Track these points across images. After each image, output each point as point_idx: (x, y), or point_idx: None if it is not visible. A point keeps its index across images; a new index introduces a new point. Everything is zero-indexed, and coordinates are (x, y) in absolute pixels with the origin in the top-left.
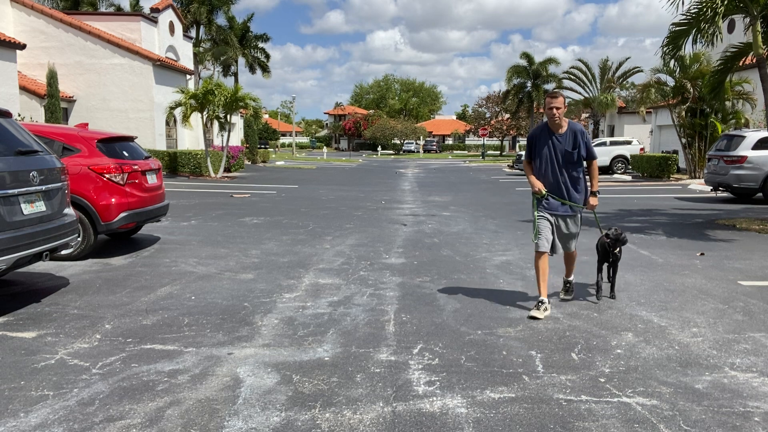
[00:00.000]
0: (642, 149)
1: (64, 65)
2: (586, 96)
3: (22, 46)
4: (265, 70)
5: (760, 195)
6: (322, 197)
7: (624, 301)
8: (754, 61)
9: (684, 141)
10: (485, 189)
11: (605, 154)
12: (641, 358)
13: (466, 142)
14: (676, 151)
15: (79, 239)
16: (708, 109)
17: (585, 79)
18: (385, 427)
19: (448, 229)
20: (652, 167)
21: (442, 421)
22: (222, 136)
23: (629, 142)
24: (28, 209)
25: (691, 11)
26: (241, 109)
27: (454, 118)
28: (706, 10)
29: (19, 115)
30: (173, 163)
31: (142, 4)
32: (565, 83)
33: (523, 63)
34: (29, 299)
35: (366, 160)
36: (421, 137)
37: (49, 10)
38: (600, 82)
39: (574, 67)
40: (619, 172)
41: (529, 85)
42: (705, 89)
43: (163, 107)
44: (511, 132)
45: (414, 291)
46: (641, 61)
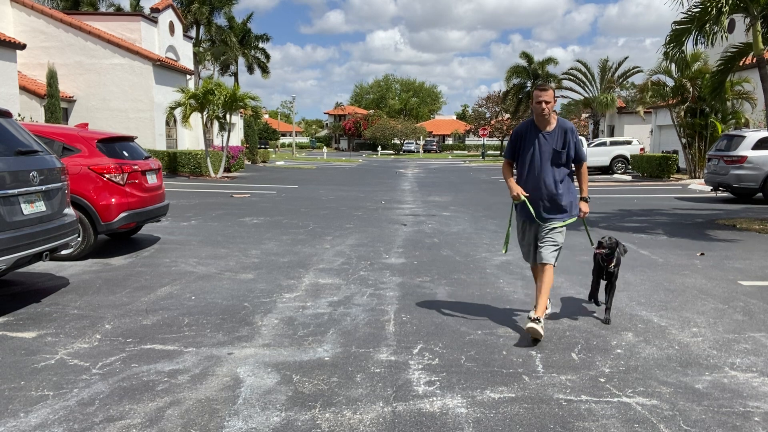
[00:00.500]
0: (642, 149)
1: (64, 65)
2: (586, 96)
3: (22, 46)
4: (265, 70)
5: (760, 195)
6: (322, 197)
7: (624, 301)
8: (754, 61)
9: (684, 141)
10: (485, 189)
11: (605, 154)
12: (641, 358)
13: (466, 142)
14: (676, 151)
15: (79, 239)
16: (708, 109)
17: (585, 79)
18: (385, 427)
19: (448, 229)
20: (652, 167)
21: (442, 421)
22: (222, 136)
23: (629, 142)
24: (28, 209)
25: (693, 10)
26: (241, 109)
27: (454, 118)
28: (711, 9)
29: (19, 115)
30: (173, 163)
31: (142, 4)
32: (565, 83)
33: (523, 63)
34: (29, 299)
35: (366, 160)
36: (421, 137)
37: (49, 10)
38: (600, 82)
39: (573, 67)
40: (619, 172)
41: (528, 85)
42: (705, 89)
43: (163, 107)
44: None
45: (414, 291)
46: (641, 60)
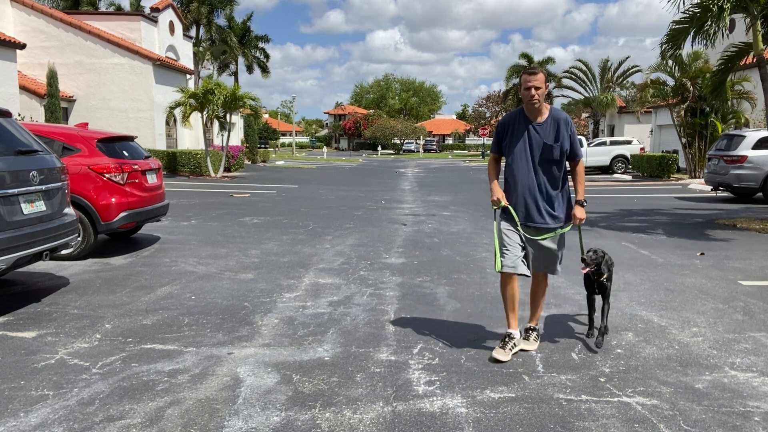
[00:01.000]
0: (642, 149)
1: (64, 65)
2: (586, 96)
3: (22, 46)
4: (265, 70)
5: (760, 195)
6: (322, 197)
7: (624, 301)
8: (754, 60)
9: (684, 141)
10: (485, 189)
11: (605, 154)
12: (641, 358)
13: (466, 142)
14: (676, 151)
15: (79, 239)
16: (708, 108)
17: (585, 78)
18: (385, 427)
19: (448, 229)
20: (652, 167)
21: (442, 421)
22: (222, 135)
23: (629, 142)
24: (28, 209)
25: (693, 10)
26: (241, 109)
27: (454, 117)
28: (712, 7)
29: (19, 114)
30: (173, 163)
31: (142, 4)
32: (565, 83)
33: (523, 63)
34: (29, 299)
35: (366, 159)
36: (421, 137)
37: (49, 9)
38: (600, 82)
39: (574, 66)
40: (619, 171)
41: None
42: (706, 89)
43: (163, 107)
44: None
45: (414, 291)
46: (642, 60)
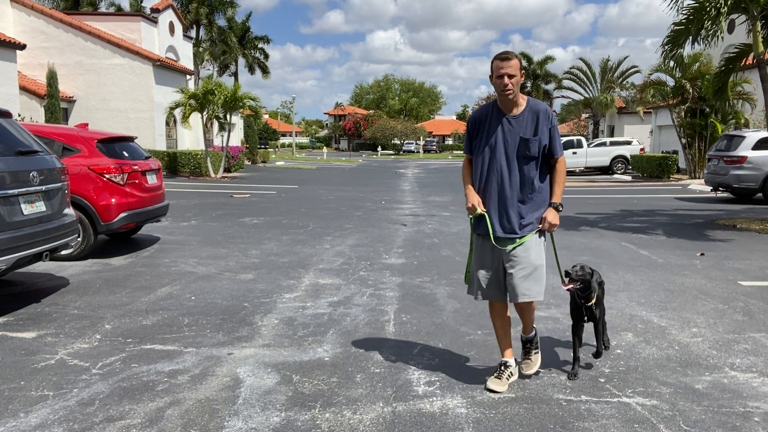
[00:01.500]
0: (642, 149)
1: (64, 65)
2: (586, 96)
3: (22, 46)
4: (265, 70)
5: (760, 195)
6: (322, 197)
7: (624, 301)
8: (754, 61)
9: (684, 141)
10: None
11: (605, 154)
12: (641, 358)
13: None
14: (676, 152)
15: (79, 239)
16: (708, 109)
17: (585, 79)
18: (385, 427)
19: (448, 230)
20: (652, 167)
21: (442, 421)
22: (222, 136)
23: (629, 142)
24: (28, 209)
25: (690, 5)
26: (241, 109)
27: (454, 118)
28: (709, 9)
29: (19, 115)
30: (173, 164)
31: (142, 5)
32: (566, 83)
33: (523, 63)
34: (29, 299)
35: (366, 160)
36: (421, 137)
37: (49, 10)
38: (600, 82)
39: (575, 66)
40: (619, 172)
41: (528, 85)
42: (708, 90)
43: (163, 107)
44: None
45: (414, 291)
46: (642, 60)
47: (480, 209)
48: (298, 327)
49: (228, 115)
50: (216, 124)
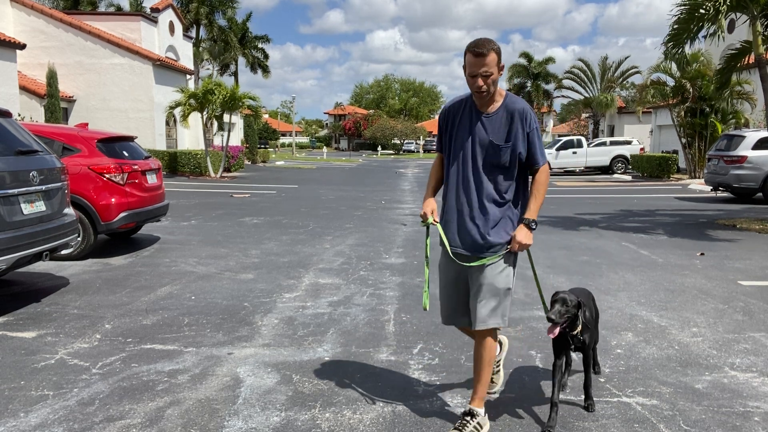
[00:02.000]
0: (642, 149)
1: (64, 65)
2: (586, 96)
3: (22, 46)
4: (265, 70)
5: (760, 195)
6: (322, 197)
7: (624, 301)
8: (754, 61)
9: (684, 141)
10: None
11: (605, 154)
12: (641, 358)
13: None
14: (676, 151)
15: (79, 239)
16: (708, 109)
17: (585, 78)
18: (385, 427)
19: None
20: (652, 167)
21: (442, 421)
22: (222, 135)
23: (629, 142)
24: (28, 209)
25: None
26: (241, 109)
27: None
28: (709, 9)
29: (19, 115)
30: (173, 163)
31: (142, 4)
32: (566, 83)
33: (523, 62)
34: (29, 299)
35: (366, 160)
36: (421, 137)
37: (49, 9)
38: (600, 82)
39: (575, 66)
40: (619, 172)
41: (529, 84)
42: (707, 89)
43: (163, 107)
44: None
45: (414, 291)
46: (642, 60)
47: (431, 218)
48: (298, 327)
49: (228, 115)
50: (216, 124)
